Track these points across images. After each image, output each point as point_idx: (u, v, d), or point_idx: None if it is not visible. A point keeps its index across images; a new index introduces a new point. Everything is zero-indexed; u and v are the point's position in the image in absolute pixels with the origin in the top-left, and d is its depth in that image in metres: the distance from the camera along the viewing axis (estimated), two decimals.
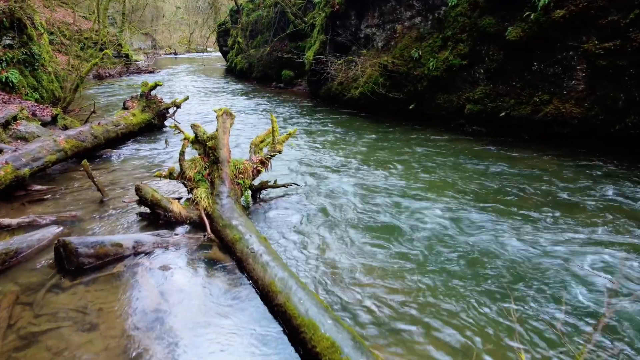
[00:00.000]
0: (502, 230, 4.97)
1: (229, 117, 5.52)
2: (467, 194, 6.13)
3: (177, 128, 5.58)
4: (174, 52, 50.57)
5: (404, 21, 11.46)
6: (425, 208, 5.65)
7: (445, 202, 5.85)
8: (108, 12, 36.79)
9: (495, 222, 5.19)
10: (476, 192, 6.20)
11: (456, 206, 5.68)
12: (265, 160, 5.62)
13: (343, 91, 12.88)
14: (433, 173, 7.17)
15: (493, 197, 6.03)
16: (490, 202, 5.81)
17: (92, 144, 7.81)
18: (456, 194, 6.16)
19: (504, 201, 5.85)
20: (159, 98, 10.38)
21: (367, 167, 7.48)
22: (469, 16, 9.56)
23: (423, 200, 5.91)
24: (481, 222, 5.23)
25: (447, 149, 8.67)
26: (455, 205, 5.70)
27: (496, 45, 9.23)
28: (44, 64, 12.86)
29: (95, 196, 6.02)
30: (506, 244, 4.67)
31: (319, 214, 5.54)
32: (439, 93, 10.43)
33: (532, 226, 5.08)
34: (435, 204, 5.76)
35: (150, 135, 9.75)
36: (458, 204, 5.78)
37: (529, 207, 5.62)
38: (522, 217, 5.32)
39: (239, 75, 23.77)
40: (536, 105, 8.72)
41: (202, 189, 5.21)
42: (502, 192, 6.19)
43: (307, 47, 15.50)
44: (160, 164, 7.64)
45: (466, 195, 6.08)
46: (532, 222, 5.20)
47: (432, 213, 5.48)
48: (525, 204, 5.72)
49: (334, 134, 10.00)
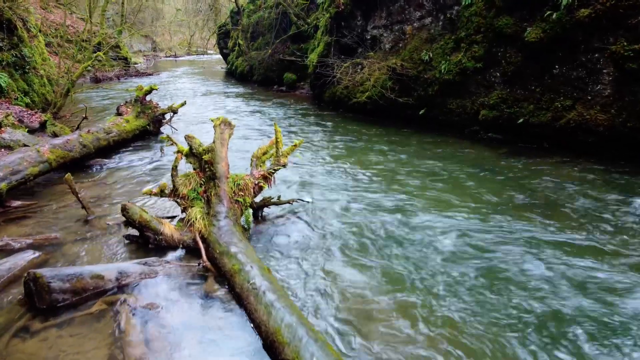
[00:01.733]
0: (542, 260, 4.37)
1: (228, 127, 4.93)
2: (489, 210, 5.53)
3: (170, 139, 4.99)
4: (174, 55, 50.05)
5: (413, 22, 10.87)
6: (445, 227, 5.06)
7: (466, 221, 5.25)
8: (107, 13, 36.32)
9: (529, 245, 4.59)
10: (499, 208, 5.60)
11: (480, 227, 5.08)
12: (268, 175, 5.03)
13: (349, 95, 12.30)
14: (449, 185, 6.57)
15: (519, 212, 5.43)
16: (518, 219, 5.21)
17: (80, 154, 7.23)
18: (477, 210, 5.56)
19: (534, 219, 5.25)
20: (154, 103, 9.81)
21: (377, 179, 6.89)
22: (484, 16, 8.97)
23: (442, 217, 5.31)
24: (510, 244, 4.63)
25: (462, 158, 8.08)
26: (479, 226, 5.10)
27: (514, 47, 8.64)
28: (36, 67, 12.30)
29: (80, 214, 5.44)
30: (548, 276, 4.07)
31: (327, 235, 4.94)
32: (452, 98, 9.84)
33: (576, 253, 4.47)
34: (455, 223, 5.16)
35: (144, 143, 9.17)
36: (481, 223, 5.18)
37: (567, 228, 5.02)
38: (560, 242, 4.72)
39: (239, 78, 23.20)
40: (557, 112, 8.13)
41: (197, 208, 4.62)
42: (529, 208, 5.59)
43: (311, 49, 14.92)
44: (154, 176, 7.06)
45: (489, 212, 5.48)
46: (575, 247, 4.59)
47: (454, 234, 4.88)
48: (560, 223, 5.12)
49: (341, 141, 9.41)
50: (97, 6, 30.70)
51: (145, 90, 9.61)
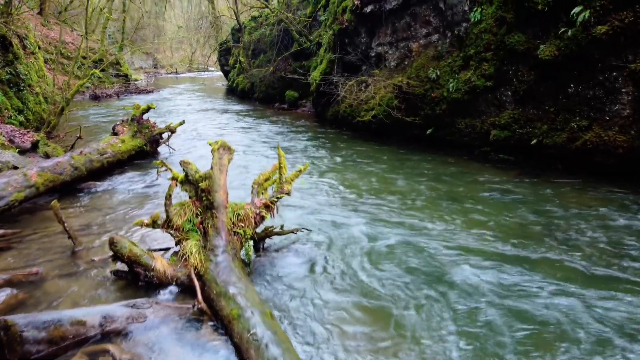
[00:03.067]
0: (569, 297, 3.93)
1: (227, 152, 4.54)
2: (506, 240, 5.10)
3: (164, 165, 4.59)
4: (175, 71, 50.04)
5: (419, 39, 10.56)
6: (462, 261, 4.63)
7: (480, 252, 4.83)
8: (109, 30, 36.32)
9: (555, 284, 4.16)
10: (516, 237, 5.17)
11: (498, 261, 4.65)
12: (270, 203, 4.62)
13: (352, 113, 11.94)
14: (461, 211, 6.15)
15: (538, 243, 5.00)
16: (537, 250, 4.78)
17: (71, 177, 6.82)
18: (492, 240, 5.13)
19: (554, 248, 4.82)
20: (151, 122, 9.44)
21: (385, 203, 6.47)
22: (494, 33, 8.64)
23: (457, 250, 4.88)
24: (532, 282, 4.19)
25: (473, 180, 7.67)
26: (496, 260, 4.67)
27: (526, 65, 8.29)
28: (31, 85, 11.98)
29: (66, 244, 5.02)
30: (578, 322, 3.63)
31: (335, 269, 4.51)
32: (460, 117, 9.47)
33: (606, 288, 4.04)
34: (474, 256, 4.74)
35: (140, 164, 8.77)
36: (498, 256, 4.75)
37: (592, 261, 4.58)
38: (589, 276, 4.29)
39: (240, 95, 22.92)
40: (573, 132, 7.74)
41: (192, 241, 4.20)
42: (547, 238, 5.16)
43: (313, 67, 14.62)
44: (149, 201, 6.64)
45: (505, 243, 5.05)
46: (605, 282, 4.16)
47: (472, 270, 4.45)
48: (583, 255, 4.69)
49: (345, 162, 9.02)
50: (99, 23, 30.72)
51: (142, 109, 9.26)
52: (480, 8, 8.90)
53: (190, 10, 40.41)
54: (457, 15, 9.55)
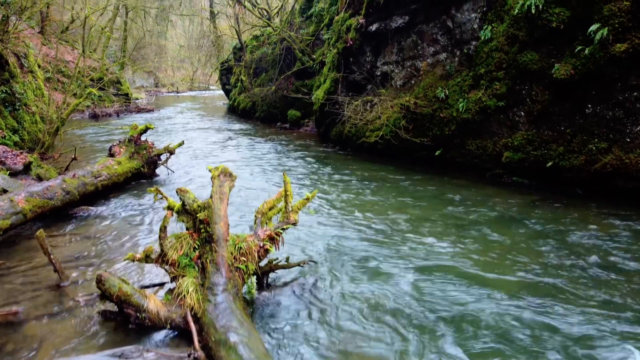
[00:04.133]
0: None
1: (228, 179, 4.14)
2: (529, 275, 4.68)
3: (159, 192, 4.19)
4: (176, 90, 50.04)
5: (426, 57, 10.26)
6: (477, 299, 4.21)
7: (500, 290, 4.40)
8: (110, 49, 36.32)
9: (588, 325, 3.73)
10: (540, 272, 4.75)
11: (523, 301, 4.22)
12: (275, 235, 4.21)
13: (357, 134, 11.59)
14: (476, 240, 5.74)
15: (565, 279, 4.58)
16: (565, 288, 4.35)
17: (62, 202, 6.42)
18: (515, 276, 4.71)
19: (582, 283, 4.39)
20: (150, 143, 9.08)
21: (395, 231, 6.06)
22: (506, 51, 8.32)
23: (472, 286, 4.46)
24: (565, 329, 3.76)
25: (486, 206, 7.26)
26: (519, 301, 4.24)
27: (540, 85, 7.95)
28: (27, 104, 11.67)
29: (52, 278, 4.59)
30: None
31: (346, 306, 4.08)
32: (471, 138, 9.11)
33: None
34: (489, 293, 4.31)
35: (137, 187, 8.38)
36: (522, 294, 4.32)
37: (627, 304, 4.16)
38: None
39: (241, 115, 22.65)
40: (592, 155, 7.37)
41: (189, 278, 3.78)
42: (573, 273, 4.74)
43: (316, 86, 14.34)
44: (144, 228, 6.23)
45: (528, 278, 4.62)
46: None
47: (490, 313, 4.02)
48: (618, 294, 4.26)
49: (351, 185, 8.62)
50: (100, 42, 30.66)
51: (140, 129, 8.91)
52: (490, 26, 8.61)
53: (192, 30, 40.47)
54: (466, 33, 9.27)
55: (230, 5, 22.79)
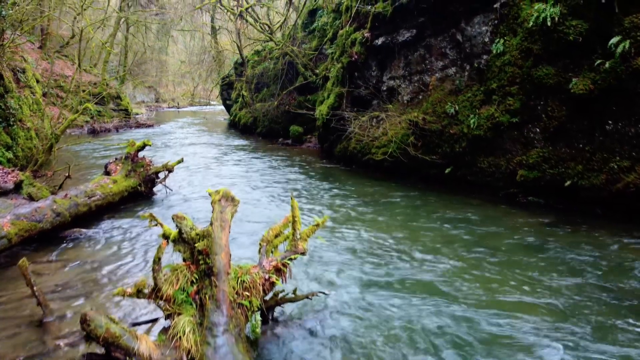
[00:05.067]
0: None
1: (230, 204, 3.73)
2: (555, 305, 4.25)
3: (152, 218, 3.78)
4: (177, 105, 49.90)
5: (434, 72, 9.93)
6: (500, 329, 3.78)
7: (523, 321, 3.97)
8: (111, 64, 36.20)
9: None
10: (566, 301, 4.32)
11: (558, 333, 3.79)
12: (282, 266, 3.79)
13: (363, 150, 11.21)
14: (493, 264, 5.32)
15: (595, 311, 4.14)
16: (598, 321, 3.92)
17: (52, 224, 6.02)
18: (539, 305, 4.28)
19: (614, 312, 3.96)
20: (147, 160, 8.69)
21: (407, 256, 5.63)
22: (520, 66, 7.98)
23: (495, 315, 4.03)
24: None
25: (501, 227, 6.84)
26: (553, 332, 3.81)
27: (556, 100, 7.59)
28: (22, 119, 11.31)
29: (35, 312, 4.16)
30: None
31: (360, 347, 3.65)
32: (483, 155, 8.72)
33: None
34: (512, 323, 3.89)
35: (133, 208, 7.96)
36: (554, 326, 3.89)
37: None
38: None
39: (242, 130, 22.31)
40: (613, 174, 6.97)
41: (186, 317, 3.35)
42: (601, 304, 4.31)
43: (320, 101, 14.00)
44: (140, 253, 5.80)
45: (553, 308, 4.19)
46: None
47: (515, 346, 3.59)
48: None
49: (358, 205, 8.20)
50: (100, 58, 30.50)
51: (137, 146, 8.53)
52: (502, 39, 8.29)
53: (193, 45, 40.39)
54: (476, 47, 8.94)
55: (231, 21, 22.61)
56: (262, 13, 25.41)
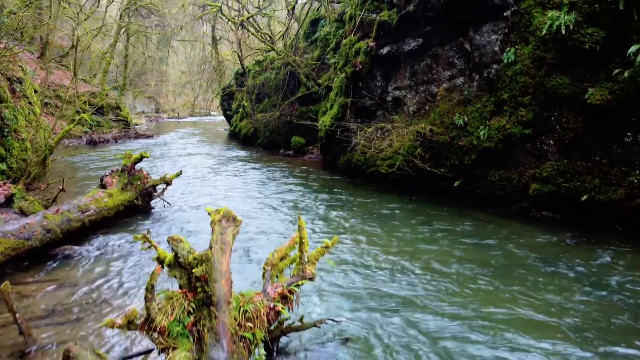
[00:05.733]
0: None
1: (232, 225, 3.38)
2: (582, 334, 3.89)
3: (146, 239, 3.43)
4: (177, 116, 49.71)
5: (442, 82, 9.63)
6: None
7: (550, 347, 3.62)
8: (111, 75, 36.01)
9: None
10: (592, 330, 3.96)
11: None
12: (288, 293, 3.44)
13: (367, 162, 10.88)
14: (511, 285, 4.97)
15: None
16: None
17: (41, 242, 5.67)
18: (566, 333, 3.92)
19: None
20: (144, 173, 8.36)
21: (418, 280, 5.27)
22: (532, 75, 7.67)
23: (519, 344, 3.67)
24: None
25: (516, 245, 6.49)
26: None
27: (571, 111, 7.28)
28: (17, 130, 11.00)
29: (18, 342, 3.80)
30: None
31: None
32: (493, 168, 8.39)
33: None
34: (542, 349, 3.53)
35: (129, 222, 7.62)
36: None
37: None
38: None
39: (243, 141, 22.01)
40: (633, 188, 6.64)
41: (182, 351, 3.00)
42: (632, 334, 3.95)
43: (322, 112, 13.71)
44: (135, 272, 5.45)
45: (581, 336, 3.83)
46: None
47: None
48: None
49: (364, 220, 7.86)
50: (100, 68, 30.31)
51: (134, 158, 8.20)
52: (514, 48, 7.99)
53: (193, 56, 40.27)
54: (485, 56, 8.65)
55: (232, 30, 22.42)
56: (263, 23, 25.25)
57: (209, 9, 22.90)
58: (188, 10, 27.34)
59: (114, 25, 29.80)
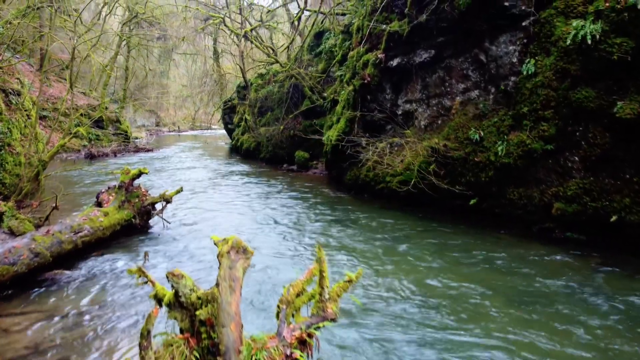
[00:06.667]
0: None
1: (242, 257, 2.89)
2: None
3: (142, 273, 2.95)
4: (177, 129, 49.41)
5: (455, 95, 9.21)
6: None
7: None
8: (112, 88, 35.70)
9: None
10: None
11: None
12: (307, 337, 2.94)
13: (376, 179, 10.41)
14: (540, 318, 4.48)
15: None
16: None
17: (28, 267, 5.18)
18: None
19: None
20: (143, 190, 7.89)
21: (437, 314, 4.78)
22: (555, 88, 7.24)
23: None
24: None
25: (541, 270, 5.99)
26: None
27: (598, 125, 6.83)
28: (12, 144, 10.55)
29: None
30: None
31: None
32: (512, 186, 7.92)
33: None
34: None
35: (126, 243, 7.12)
36: None
37: None
38: None
39: (244, 155, 21.56)
40: None
41: None
42: None
43: (327, 126, 13.28)
44: (130, 301, 4.95)
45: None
46: None
47: None
48: None
49: (376, 241, 7.37)
50: (100, 81, 30.02)
51: (132, 174, 7.74)
52: (534, 59, 7.58)
53: (195, 69, 40.03)
54: (502, 68, 8.24)
55: (235, 43, 22.13)
56: (266, 37, 24.98)
57: (212, 20, 22.63)
58: (190, 24, 27.10)
59: (114, 37, 29.57)
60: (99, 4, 29.65)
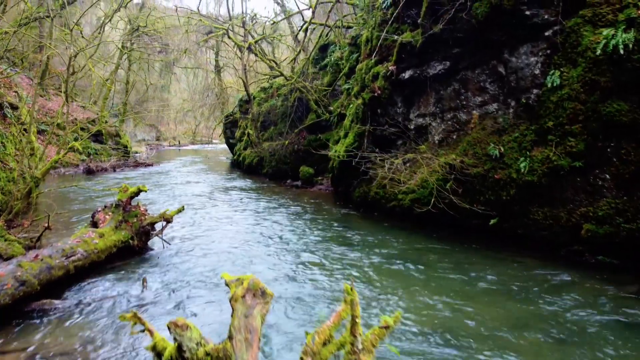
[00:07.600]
0: None
1: (260, 301, 2.37)
2: None
3: (138, 320, 2.44)
4: (178, 144, 49.06)
5: (472, 109, 8.75)
6: None
7: None
8: (113, 101, 35.35)
9: None
10: None
11: None
12: None
13: (387, 196, 9.90)
14: (573, 349, 3.96)
15: None
16: None
17: (14, 297, 4.65)
18: None
19: None
20: (142, 208, 7.39)
21: (466, 341, 4.26)
22: (583, 101, 6.78)
23: None
24: None
25: (571, 298, 5.47)
26: None
27: (632, 141, 6.35)
28: (5, 159, 10.07)
29: None
30: None
31: None
32: (536, 205, 7.41)
33: None
34: None
35: (122, 267, 6.59)
36: None
37: None
38: None
39: (247, 170, 21.06)
40: None
41: None
42: None
43: (334, 140, 12.82)
44: (127, 340, 4.41)
45: None
46: None
47: None
48: None
49: (391, 266, 6.83)
50: (101, 94, 29.69)
51: (130, 192, 7.24)
52: (559, 71, 7.14)
53: (196, 84, 39.76)
54: (524, 80, 7.79)
55: (237, 57, 21.78)
56: (268, 50, 24.69)
57: (216, 32, 22.32)
58: (191, 38, 26.82)
59: (115, 51, 29.32)
60: (101, 17, 29.42)
